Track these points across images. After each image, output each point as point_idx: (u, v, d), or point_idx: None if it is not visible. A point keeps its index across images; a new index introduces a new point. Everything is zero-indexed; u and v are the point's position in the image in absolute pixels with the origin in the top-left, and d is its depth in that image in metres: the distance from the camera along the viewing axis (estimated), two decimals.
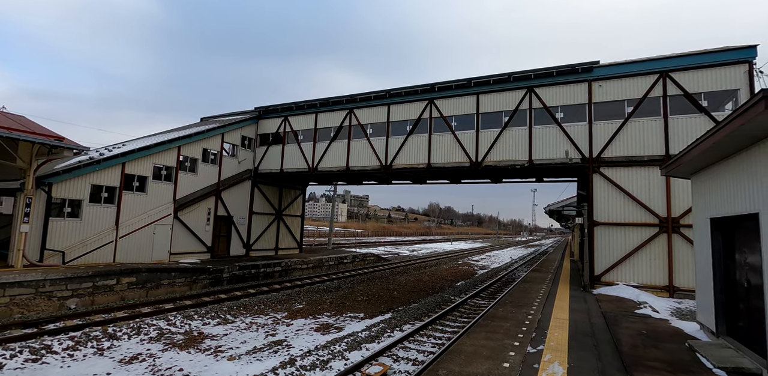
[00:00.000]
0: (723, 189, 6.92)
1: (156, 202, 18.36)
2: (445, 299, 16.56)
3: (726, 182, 6.79)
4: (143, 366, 7.96)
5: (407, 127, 18.80)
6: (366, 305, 14.91)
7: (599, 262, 14.16)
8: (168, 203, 18.86)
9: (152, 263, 16.64)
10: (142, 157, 17.91)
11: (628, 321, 8.92)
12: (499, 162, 16.37)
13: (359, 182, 25.44)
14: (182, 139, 19.74)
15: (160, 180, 18.74)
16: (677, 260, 13.16)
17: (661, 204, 13.67)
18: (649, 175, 13.91)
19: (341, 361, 8.67)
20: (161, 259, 18.23)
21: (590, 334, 7.66)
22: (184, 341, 9.68)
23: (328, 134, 21.15)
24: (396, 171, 18.80)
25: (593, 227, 14.39)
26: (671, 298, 12.80)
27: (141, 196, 17.82)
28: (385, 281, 21.16)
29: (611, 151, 14.61)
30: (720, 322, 7.14)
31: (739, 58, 13.41)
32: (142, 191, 17.95)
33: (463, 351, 6.32)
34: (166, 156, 19.07)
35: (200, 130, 20.83)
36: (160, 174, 18.85)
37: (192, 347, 9.22)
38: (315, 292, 17.05)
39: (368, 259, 29.43)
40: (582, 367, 5.70)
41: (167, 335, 10.06)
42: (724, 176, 6.87)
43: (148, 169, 18.17)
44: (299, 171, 21.69)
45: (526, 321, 8.50)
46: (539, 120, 16.05)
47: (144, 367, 7.92)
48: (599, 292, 13.22)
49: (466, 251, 49.56)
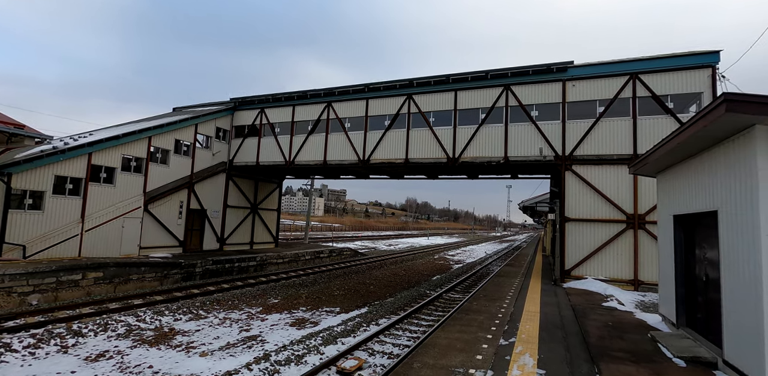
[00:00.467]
0: (686, 187, 7.24)
1: (125, 194, 17.73)
2: (421, 293, 16.76)
3: (689, 181, 7.11)
4: (110, 364, 7.72)
5: (385, 122, 18.78)
6: (342, 300, 14.91)
7: (570, 256, 14.62)
8: (138, 195, 18.24)
9: (121, 258, 16.10)
10: (110, 148, 17.22)
11: (595, 314, 9.26)
12: (476, 158, 16.60)
13: (337, 177, 25.30)
14: (153, 129, 19.08)
15: (129, 172, 18.08)
16: (642, 255, 13.73)
17: (629, 201, 14.21)
18: (618, 174, 14.41)
19: (316, 355, 8.66)
20: (130, 253, 17.65)
21: (560, 326, 7.91)
22: (154, 337, 9.44)
23: (306, 127, 20.89)
24: (374, 166, 18.78)
25: (564, 223, 14.83)
26: (636, 291, 13.37)
27: (109, 188, 17.16)
28: (361, 276, 21.21)
29: (583, 150, 15.04)
30: (680, 314, 7.51)
31: (703, 62, 14.00)
32: (110, 183, 17.29)
33: (438, 344, 6.42)
34: (136, 147, 18.40)
35: (172, 121, 20.18)
36: (130, 165, 18.18)
37: (162, 344, 9.00)
38: (291, 286, 16.93)
39: (345, 253, 29.40)
40: (551, 358, 5.89)
41: (136, 332, 9.78)
42: (687, 175, 7.19)
43: (116, 160, 17.49)
44: (275, 164, 21.36)
45: (499, 314, 8.71)
46: (515, 118, 16.34)
47: (111, 364, 7.69)
48: (569, 286, 13.67)
49: (442, 246, 50.19)
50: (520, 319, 8.33)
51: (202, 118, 21.66)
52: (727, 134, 5.51)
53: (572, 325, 8.07)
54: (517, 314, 8.75)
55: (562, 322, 8.27)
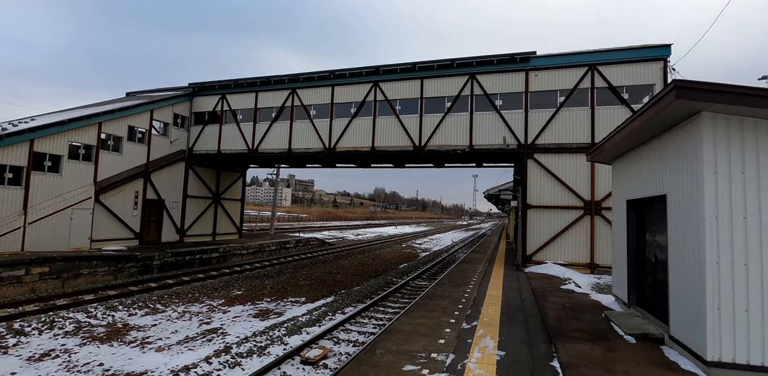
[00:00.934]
0: (638, 173, 7.53)
1: (73, 184, 16.61)
2: (388, 281, 16.85)
3: (641, 167, 7.39)
4: (56, 363, 7.26)
5: (351, 110, 18.48)
6: (308, 290, 14.75)
7: (531, 242, 15.08)
8: (88, 185, 17.14)
9: (70, 252, 15.16)
10: (56, 134, 16.01)
11: (554, 296, 9.60)
12: (441, 146, 16.68)
13: (302, 165, 24.81)
14: (104, 114, 17.90)
15: (77, 160, 16.92)
16: (598, 240, 14.35)
17: (586, 188, 14.75)
18: (577, 162, 14.90)
19: (280, 346, 8.51)
20: (81, 247, 16.64)
21: (520, 309, 8.13)
22: (106, 333, 8.96)
23: (270, 115, 20.24)
24: (340, 154, 18.51)
25: (526, 210, 15.24)
26: (592, 274, 13.99)
27: (55, 177, 16.00)
28: (328, 265, 21.08)
29: (544, 139, 15.42)
30: (631, 294, 7.89)
31: (655, 55, 14.57)
32: (55, 172, 16.12)
33: (401, 330, 6.43)
34: (85, 133, 17.21)
35: (125, 106, 19.01)
36: (78, 153, 17.01)
37: (115, 340, 8.56)
38: (255, 278, 16.56)
39: (312, 243, 29.11)
40: (511, 340, 6.02)
41: (86, 329, 9.25)
42: (639, 161, 7.47)
43: (62, 148, 16.31)
44: (238, 153, 20.64)
45: (462, 299, 8.85)
46: (480, 107, 16.49)
47: (57, 364, 7.23)
48: (530, 270, 14.12)
49: (410, 235, 50.73)
50: (483, 303, 8.50)
51: (158, 103, 20.53)
52: (676, 121, 5.72)
53: (532, 307, 8.31)
54: (480, 299, 8.92)
55: (523, 305, 8.51)
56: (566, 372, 4.83)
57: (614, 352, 5.60)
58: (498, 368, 4.85)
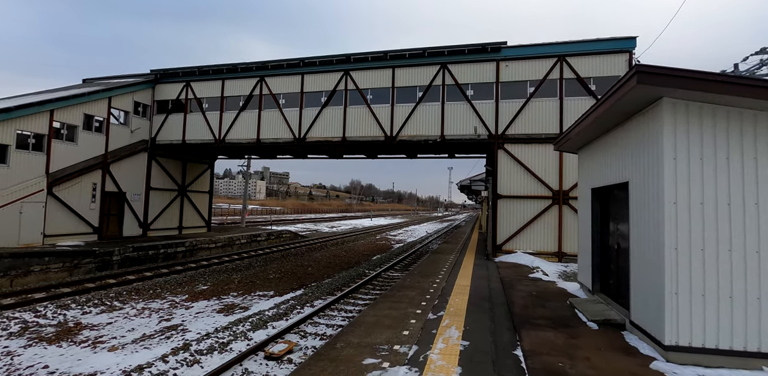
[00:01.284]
0: (602, 161, 7.57)
1: (22, 175, 15.54)
2: (360, 272, 16.69)
3: (605, 155, 7.42)
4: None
5: (322, 99, 18.03)
6: (278, 283, 14.42)
7: (501, 232, 15.21)
8: (39, 176, 16.09)
9: (19, 248, 14.24)
10: (1, 122, 14.88)
11: (521, 284, 9.67)
12: (413, 137, 16.52)
13: (273, 156, 24.17)
14: (56, 101, 16.79)
15: (26, 150, 15.83)
16: (566, 229, 14.62)
17: (555, 178, 14.95)
18: (546, 152, 15.05)
19: (243, 342, 8.21)
20: (32, 242, 15.66)
21: (488, 298, 8.12)
22: (55, 333, 8.41)
23: (237, 103, 19.52)
24: (310, 144, 18.08)
25: (497, 200, 15.33)
26: (560, 263, 14.26)
27: (1, 168, 14.92)
28: (300, 258, 20.73)
29: (514, 129, 15.49)
30: (595, 281, 8.00)
31: (621, 47, 14.80)
32: (2, 163, 15.03)
33: (365, 322, 6.26)
34: (35, 121, 16.09)
35: (80, 93, 17.88)
36: (27, 143, 15.91)
37: (65, 340, 8.04)
38: (223, 272, 16.07)
39: (284, 236, 28.60)
40: (476, 329, 5.96)
41: (34, 329, 8.66)
42: (603, 150, 7.50)
43: (9, 137, 15.19)
44: (204, 143, 19.86)
45: (430, 290, 8.77)
46: (451, 97, 16.38)
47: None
48: (500, 259, 14.25)
49: (385, 227, 50.74)
50: (451, 293, 8.44)
51: (117, 90, 19.44)
52: (638, 108, 5.71)
53: (499, 296, 8.32)
54: (449, 289, 8.87)
55: (490, 294, 8.51)
56: (528, 360, 4.78)
57: (576, 338, 5.62)
58: (460, 359, 4.75)
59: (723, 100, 4.83)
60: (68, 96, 17.37)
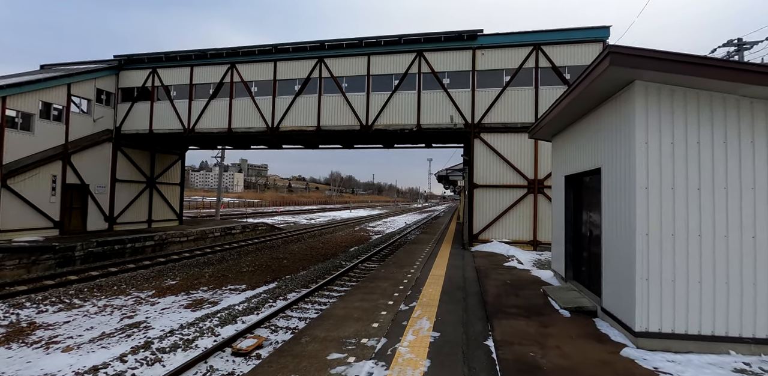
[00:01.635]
0: (575, 148, 7.49)
1: None
2: (336, 264, 16.45)
3: (578, 142, 7.34)
4: None
5: (295, 87, 17.48)
6: (251, 276, 14.04)
7: (477, 221, 15.19)
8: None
9: None
10: None
11: (496, 273, 9.62)
12: (389, 126, 16.23)
13: (246, 146, 23.46)
14: (9, 88, 15.68)
15: None
16: (540, 218, 14.71)
17: (530, 167, 14.97)
18: (521, 141, 15.04)
19: (210, 338, 7.87)
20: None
21: (461, 287, 8.02)
22: (4, 335, 7.87)
23: (207, 91, 18.74)
24: (284, 134, 17.55)
25: (473, 189, 15.28)
26: (535, 251, 14.36)
27: None
28: (275, 251, 20.31)
29: (490, 118, 15.39)
30: (568, 269, 7.99)
31: (595, 36, 14.82)
32: None
33: (334, 315, 6.03)
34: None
35: (36, 79, 16.78)
36: None
37: (15, 341, 7.53)
38: (194, 266, 15.54)
39: (260, 229, 28.03)
40: (448, 319, 5.82)
41: None
42: (576, 136, 7.42)
43: None
44: (173, 132, 19.04)
45: (404, 280, 8.61)
46: (428, 85, 16.12)
47: None
48: (476, 249, 14.25)
49: (364, 218, 50.53)
50: (425, 283, 8.30)
51: (77, 77, 18.34)
52: (610, 91, 5.59)
53: (473, 285, 8.23)
54: (423, 279, 8.73)
55: (465, 283, 8.41)
56: (499, 351, 4.66)
57: (548, 327, 5.54)
58: (430, 351, 4.58)
59: (694, 82, 4.74)
60: (23, 82, 16.27)
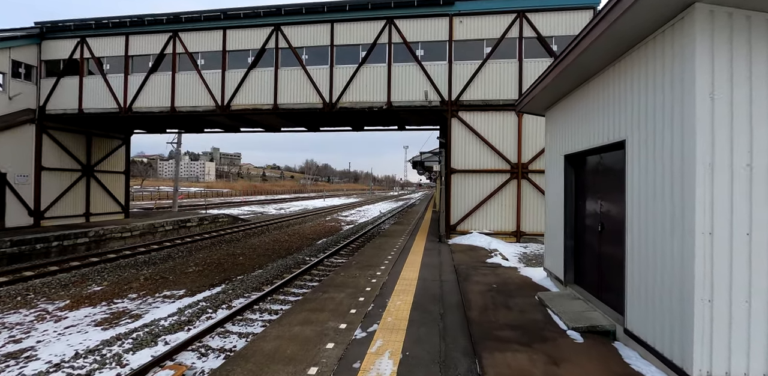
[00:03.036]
0: (582, 119, 5.87)
1: None
2: (299, 260, 14.63)
3: (586, 110, 5.71)
4: None
5: (249, 59, 15.22)
6: (196, 278, 12.07)
7: (455, 210, 13.62)
8: None
9: None
10: None
11: (479, 274, 8.05)
12: (356, 104, 14.29)
13: (199, 130, 21.01)
14: None
15: None
16: (524, 206, 13.26)
17: (513, 150, 13.44)
18: (504, 120, 13.45)
19: (111, 371, 5.98)
20: None
21: (438, 297, 6.38)
22: None
23: (146, 64, 16.20)
24: (236, 113, 15.33)
25: (450, 175, 13.65)
26: (518, 243, 12.95)
27: None
28: (233, 245, 18.27)
29: (469, 94, 13.69)
30: (568, 269, 6.46)
31: (585, 3, 13.23)
32: None
33: (259, 352, 4.23)
34: None
35: None
36: None
37: None
38: (130, 266, 13.39)
39: (221, 221, 25.75)
40: (419, 355, 4.15)
41: None
42: (585, 103, 5.78)
43: None
44: (106, 112, 16.46)
45: (367, 288, 6.89)
46: (399, 57, 14.22)
47: None
48: (454, 241, 12.71)
49: (337, 207, 48.62)
50: (392, 292, 6.62)
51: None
52: (650, 26, 3.90)
53: (453, 293, 6.61)
54: (390, 285, 7.04)
55: (442, 290, 6.77)
56: None
57: (560, 363, 3.94)
58: None
59: None
60: None
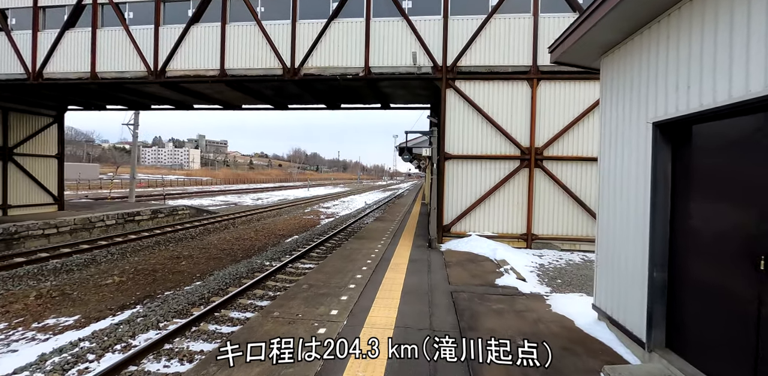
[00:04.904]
0: (689, 63, 2.98)
1: None
2: (256, 267, 11.71)
3: (700, 43, 2.82)
4: None
5: (188, 11, 11.94)
6: (109, 293, 9.11)
7: (450, 207, 10.77)
8: None
9: None
10: None
11: (491, 314, 5.24)
12: (325, 70, 11.19)
13: (144, 106, 17.57)
14: None
15: None
16: (537, 202, 10.47)
17: (525, 131, 10.57)
18: (513, 92, 10.55)
19: None
20: None
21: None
22: None
23: (60, 17, 12.80)
24: (173, 81, 12.09)
25: (444, 162, 10.75)
26: (529, 249, 10.21)
27: None
28: (183, 245, 15.25)
29: (470, 59, 10.70)
30: (657, 324, 3.65)
31: None
32: None
33: None
34: None
35: None
36: None
37: None
38: (31, 276, 10.33)
39: (180, 213, 22.58)
40: None
41: None
42: (690, 37, 2.87)
43: None
44: (11, 80, 13.07)
45: (307, 354, 3.99)
46: (380, 10, 11.10)
47: None
48: (448, 247, 9.91)
49: (320, 198, 45.57)
50: (345, 367, 3.74)
51: None
52: None
53: (454, 368, 3.76)
54: (348, 344, 4.16)
55: (435, 363, 3.92)
56: None
57: None
58: None
59: None
60: None
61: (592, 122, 10.12)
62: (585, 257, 9.45)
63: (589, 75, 10.07)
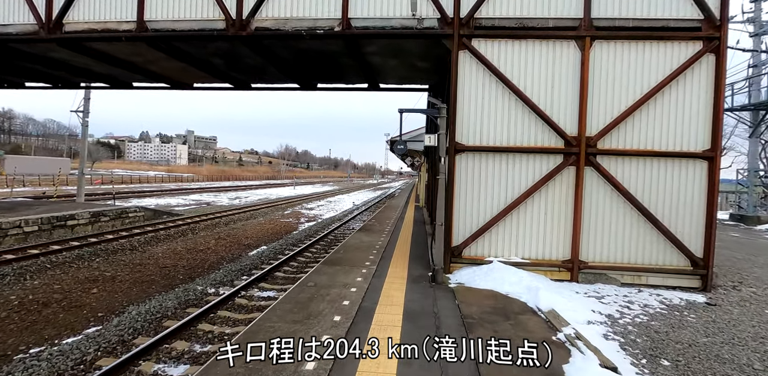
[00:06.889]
0: None
1: None
2: (190, 298, 8.41)
3: None
4: None
5: None
6: None
7: (461, 221, 7.53)
8: None
9: None
10: None
11: None
12: (286, 22, 7.85)
13: (68, 82, 13.95)
14: None
15: None
16: (588, 215, 7.29)
17: (570, 113, 7.37)
18: (555, 57, 7.34)
19: None
20: None
21: None
22: None
23: None
24: (74, 38, 8.62)
25: (455, 156, 7.51)
26: (575, 282, 7.04)
27: None
28: (110, 260, 11.85)
29: (493, 7, 7.46)
30: None
31: None
32: None
33: None
34: None
35: None
36: None
37: None
38: None
39: (132, 216, 19.10)
40: None
41: None
42: None
43: None
44: None
45: None
46: None
47: None
48: (461, 281, 6.70)
49: (305, 197, 42.16)
50: None
51: None
52: None
53: None
54: None
55: None
56: None
57: None
58: None
59: None
60: None
61: (675, 99, 6.98)
62: (664, 300, 6.33)
63: (670, 31, 6.93)
